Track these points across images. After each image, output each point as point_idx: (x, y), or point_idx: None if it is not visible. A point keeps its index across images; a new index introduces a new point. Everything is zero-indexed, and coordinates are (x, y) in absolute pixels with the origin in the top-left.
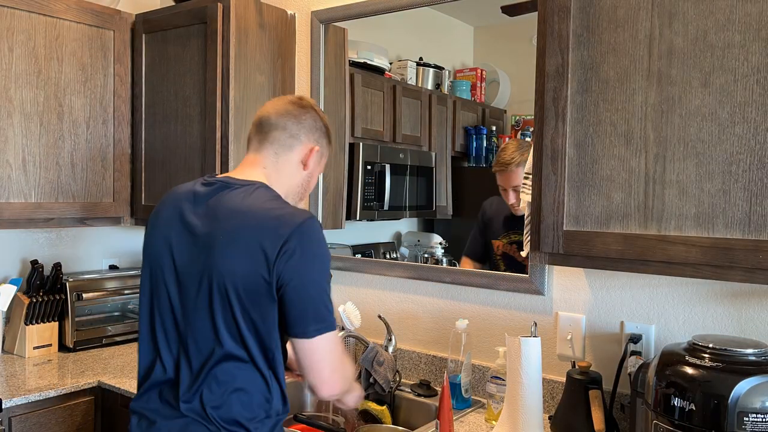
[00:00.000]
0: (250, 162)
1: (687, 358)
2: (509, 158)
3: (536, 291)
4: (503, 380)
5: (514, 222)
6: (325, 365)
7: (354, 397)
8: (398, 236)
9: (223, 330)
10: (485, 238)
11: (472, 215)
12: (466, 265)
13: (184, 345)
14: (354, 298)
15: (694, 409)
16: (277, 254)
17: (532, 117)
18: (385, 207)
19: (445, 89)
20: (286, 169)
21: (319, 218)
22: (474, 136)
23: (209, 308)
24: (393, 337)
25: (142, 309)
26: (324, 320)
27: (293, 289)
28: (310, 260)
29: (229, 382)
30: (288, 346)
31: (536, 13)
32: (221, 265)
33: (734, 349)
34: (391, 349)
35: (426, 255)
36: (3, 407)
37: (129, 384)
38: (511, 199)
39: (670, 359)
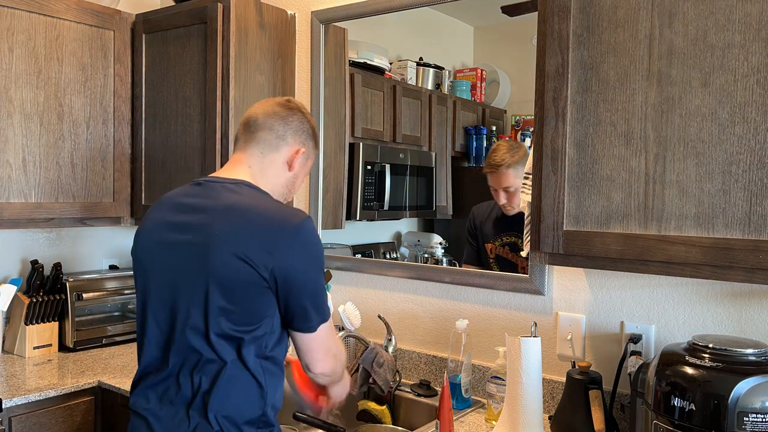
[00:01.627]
0: (236, 160)
1: (687, 358)
2: (500, 160)
3: (536, 291)
4: (503, 380)
5: (505, 224)
6: (321, 348)
7: (342, 389)
8: (398, 236)
9: (214, 330)
10: (478, 243)
11: None
12: None
13: (179, 346)
14: (354, 298)
15: (694, 409)
16: (276, 254)
17: (532, 117)
18: (385, 207)
19: (445, 89)
20: (270, 168)
21: (319, 218)
22: (474, 136)
23: (204, 307)
24: (393, 337)
25: (138, 310)
26: (323, 313)
27: (294, 287)
28: (310, 259)
29: (225, 384)
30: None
31: (536, 13)
32: (218, 264)
33: (734, 349)
34: (391, 349)
35: (426, 255)
36: (3, 407)
37: (129, 384)
38: (502, 199)
39: (670, 359)
